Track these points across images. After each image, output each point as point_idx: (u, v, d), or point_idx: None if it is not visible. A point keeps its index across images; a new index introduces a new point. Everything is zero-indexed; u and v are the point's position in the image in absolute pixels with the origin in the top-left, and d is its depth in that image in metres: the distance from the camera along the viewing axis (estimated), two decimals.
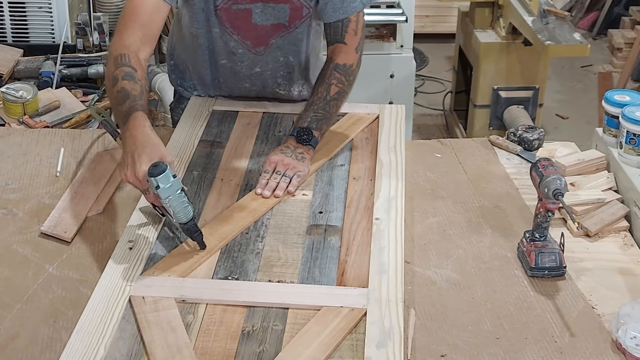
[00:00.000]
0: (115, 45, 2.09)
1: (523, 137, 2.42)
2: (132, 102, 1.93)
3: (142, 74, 2.04)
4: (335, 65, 2.31)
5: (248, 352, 1.60)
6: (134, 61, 2.04)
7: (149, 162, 1.79)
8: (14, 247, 1.97)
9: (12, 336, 1.69)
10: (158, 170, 1.77)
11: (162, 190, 1.78)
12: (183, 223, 1.84)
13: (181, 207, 1.82)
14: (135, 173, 1.80)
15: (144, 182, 1.80)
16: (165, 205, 1.81)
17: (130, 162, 1.82)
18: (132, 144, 1.84)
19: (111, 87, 2.00)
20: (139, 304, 1.70)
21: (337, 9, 2.29)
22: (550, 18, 4.20)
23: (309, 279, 1.80)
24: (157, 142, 1.85)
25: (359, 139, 2.37)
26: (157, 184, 1.77)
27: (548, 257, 1.88)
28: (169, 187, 1.78)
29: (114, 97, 1.98)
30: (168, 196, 1.79)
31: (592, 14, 6.79)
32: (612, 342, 1.69)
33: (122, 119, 1.93)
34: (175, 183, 1.79)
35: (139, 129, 1.87)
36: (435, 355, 1.66)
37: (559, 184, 1.83)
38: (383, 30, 4.35)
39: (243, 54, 2.38)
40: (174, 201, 1.80)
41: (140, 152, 1.81)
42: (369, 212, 2.02)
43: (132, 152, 1.83)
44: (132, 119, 1.89)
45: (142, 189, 1.84)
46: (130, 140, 1.85)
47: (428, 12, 6.29)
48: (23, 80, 3.15)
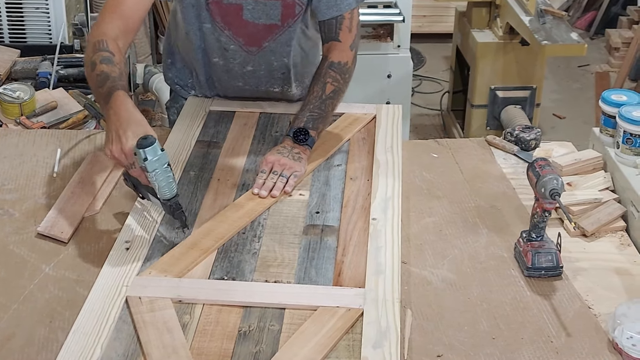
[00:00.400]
0: (93, 32, 2.11)
1: (520, 137, 2.42)
2: (111, 82, 1.95)
3: (119, 58, 2.05)
4: (330, 64, 2.32)
5: (244, 352, 1.60)
6: (112, 46, 2.05)
7: (135, 137, 1.81)
8: (10, 248, 1.97)
9: (8, 336, 1.69)
10: (147, 143, 1.79)
11: (150, 162, 1.79)
12: (167, 199, 1.85)
13: (166, 182, 1.83)
14: (122, 148, 1.82)
15: (130, 157, 1.82)
16: (151, 180, 1.82)
17: (115, 138, 1.83)
18: (117, 121, 1.86)
19: (90, 71, 2.02)
20: (136, 304, 1.70)
21: (330, 6, 2.30)
22: (547, 18, 4.20)
23: (305, 279, 1.80)
24: (140, 118, 1.87)
25: (355, 139, 2.37)
26: (145, 155, 1.78)
27: (545, 257, 1.88)
28: (156, 160, 1.80)
29: (94, 80, 1.99)
30: (155, 169, 1.80)
31: (589, 14, 6.79)
32: (608, 342, 1.70)
33: (103, 99, 1.94)
34: (162, 156, 1.81)
35: (122, 106, 1.89)
36: (432, 356, 1.66)
37: (556, 183, 1.84)
38: (380, 30, 4.35)
39: (235, 51, 2.38)
40: (160, 175, 1.81)
41: (125, 128, 1.83)
42: (366, 212, 2.02)
43: (116, 128, 1.84)
44: (114, 98, 1.90)
45: (127, 164, 1.85)
46: (114, 117, 1.87)
47: (425, 12, 6.29)
48: (20, 80, 3.15)
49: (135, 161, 1.83)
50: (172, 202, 1.87)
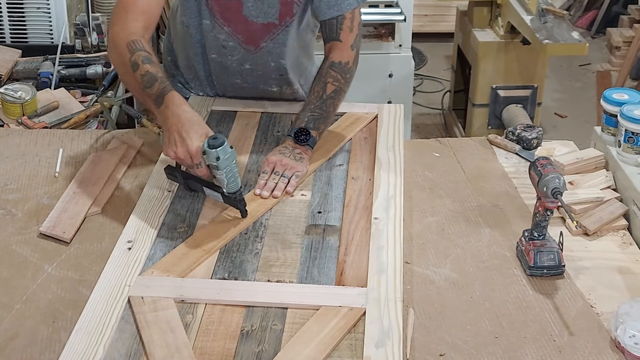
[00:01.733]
0: (121, 33, 2.10)
1: (522, 136, 2.42)
2: (161, 83, 1.99)
3: (156, 58, 2.08)
4: (331, 64, 2.31)
5: (247, 351, 1.60)
6: (147, 46, 2.08)
7: (198, 137, 1.88)
8: (13, 248, 1.97)
9: (11, 336, 1.69)
10: (218, 143, 1.86)
11: (222, 161, 1.87)
12: (232, 192, 1.93)
13: (234, 177, 1.92)
14: (188, 149, 1.87)
15: (197, 157, 1.88)
16: (220, 176, 1.90)
17: (179, 140, 1.89)
18: (177, 122, 1.91)
19: (131, 72, 2.04)
20: (138, 304, 1.70)
21: (331, 6, 2.30)
22: (548, 17, 4.20)
23: (307, 279, 1.80)
24: (200, 119, 1.94)
25: (357, 138, 2.37)
26: (217, 155, 1.86)
27: (547, 256, 1.88)
28: (227, 158, 1.88)
29: (140, 81, 2.01)
30: (226, 167, 1.88)
31: (590, 13, 6.79)
32: (610, 341, 1.70)
33: (154, 100, 1.98)
34: (232, 154, 1.89)
35: (180, 107, 1.95)
36: (434, 355, 1.66)
37: (558, 182, 1.84)
38: (381, 30, 4.35)
39: (234, 48, 2.38)
40: (229, 171, 1.90)
41: (188, 129, 1.89)
42: (368, 211, 2.02)
43: (178, 129, 1.90)
44: (170, 99, 1.96)
45: (192, 164, 1.91)
46: (174, 118, 1.92)
47: (426, 11, 6.29)
48: (21, 80, 3.14)
49: (202, 161, 1.88)
50: (237, 194, 1.94)
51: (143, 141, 2.40)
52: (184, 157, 1.90)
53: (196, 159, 1.89)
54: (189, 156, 1.89)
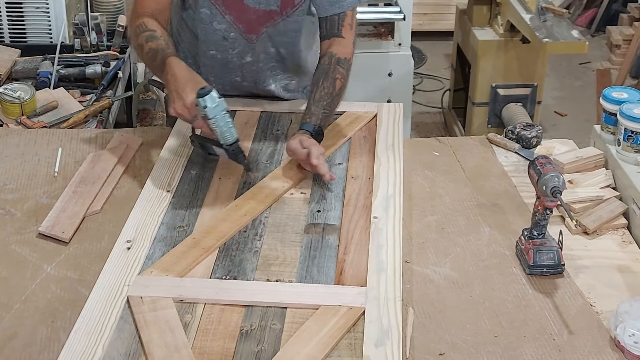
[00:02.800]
0: (132, 19, 2.26)
1: (521, 134, 2.42)
2: (161, 53, 2.12)
3: (161, 32, 2.20)
4: (337, 60, 2.32)
5: (246, 351, 1.60)
6: (150, 24, 2.20)
7: (193, 92, 1.97)
8: (12, 248, 1.97)
9: (10, 336, 1.69)
10: (205, 92, 1.95)
11: (210, 109, 1.96)
12: (229, 144, 2.02)
13: (227, 127, 2.00)
14: (184, 103, 1.97)
15: (192, 110, 1.97)
16: (213, 127, 1.99)
17: (176, 97, 1.99)
18: (174, 81, 2.01)
19: (141, 53, 2.20)
20: (137, 304, 1.70)
21: (333, 3, 2.32)
22: (548, 15, 4.20)
23: (307, 278, 1.80)
24: (195, 76, 2.04)
25: (357, 137, 2.37)
26: (204, 103, 1.95)
27: (546, 254, 1.87)
28: (216, 107, 1.96)
29: (146, 58, 2.18)
30: (215, 115, 1.97)
31: (590, 11, 6.79)
32: (610, 340, 1.69)
33: (158, 69, 2.12)
34: (220, 103, 1.98)
35: (176, 67, 2.05)
36: (434, 354, 1.66)
37: (557, 181, 1.83)
38: (381, 29, 4.35)
39: (235, 40, 2.38)
40: (220, 120, 1.98)
41: (184, 85, 1.99)
42: (367, 210, 2.02)
43: (175, 87, 2.00)
44: (168, 63, 2.07)
45: (190, 117, 2.00)
46: (171, 79, 2.03)
47: (426, 9, 6.28)
48: (21, 80, 3.14)
49: (197, 113, 1.98)
50: (234, 147, 2.03)
51: (142, 140, 2.40)
52: (182, 111, 1.99)
53: (192, 111, 1.98)
54: (186, 110, 1.98)
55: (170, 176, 2.15)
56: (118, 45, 3.56)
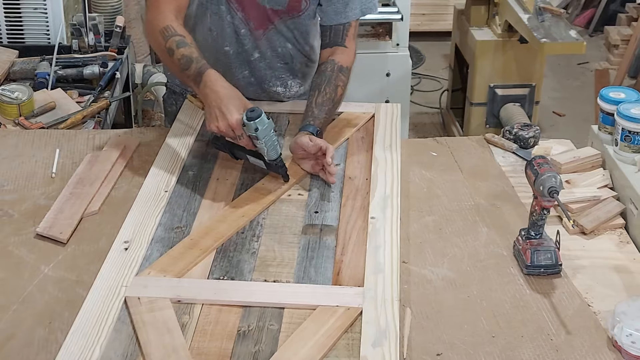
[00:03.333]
0: (154, 20, 2.22)
1: (519, 135, 2.42)
2: (197, 63, 2.12)
3: (189, 38, 2.19)
4: (340, 68, 2.36)
5: (244, 352, 1.60)
6: (180, 29, 2.19)
7: (237, 111, 2.02)
8: (9, 249, 1.96)
9: (8, 337, 1.69)
10: (256, 115, 2.00)
11: (261, 131, 2.01)
12: (273, 160, 2.08)
13: (273, 146, 2.06)
14: (229, 123, 2.01)
15: (238, 129, 2.02)
16: (260, 146, 2.04)
17: (219, 115, 2.03)
18: (216, 98, 2.05)
19: (169, 57, 2.17)
20: (135, 305, 1.70)
21: (339, 13, 2.36)
22: (545, 15, 4.20)
23: (304, 279, 1.80)
24: (237, 93, 2.08)
25: (354, 138, 2.37)
26: (256, 126, 2.00)
27: (544, 255, 1.88)
28: (265, 128, 2.01)
29: (177, 64, 2.16)
30: (265, 136, 2.02)
31: (588, 11, 6.79)
32: (608, 340, 1.69)
33: (193, 80, 2.12)
34: (269, 125, 2.03)
35: (218, 83, 2.08)
36: (431, 354, 1.66)
37: (554, 181, 1.83)
38: (379, 29, 4.35)
39: (245, 35, 2.39)
40: (268, 140, 2.04)
41: (227, 103, 2.03)
42: (365, 211, 2.02)
43: (218, 105, 2.04)
44: (207, 77, 2.09)
45: (235, 135, 2.04)
46: (212, 95, 2.06)
47: (424, 10, 6.29)
48: (18, 81, 3.14)
49: (243, 132, 2.02)
50: (277, 161, 2.09)
51: (140, 141, 2.40)
52: (226, 130, 2.03)
53: (237, 131, 2.02)
54: (231, 129, 2.02)
55: (168, 177, 2.15)
56: (116, 46, 3.56)
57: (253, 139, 2.03)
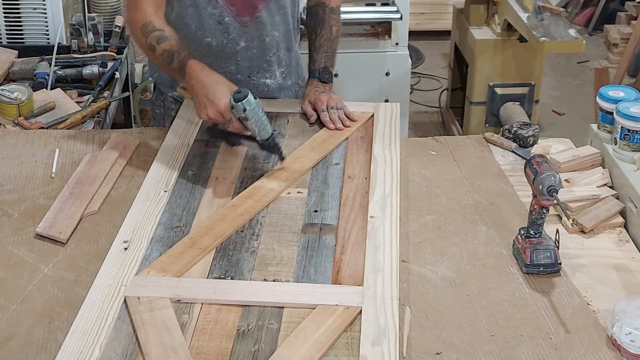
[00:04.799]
0: (133, 18, 2.25)
1: (518, 133, 2.42)
2: (178, 56, 2.16)
3: (169, 30, 2.22)
4: (331, 9, 2.52)
5: (243, 351, 1.60)
6: (158, 24, 2.22)
7: (224, 96, 2.05)
8: (9, 248, 1.97)
9: (7, 337, 1.69)
10: (242, 95, 2.03)
11: (249, 112, 2.04)
12: (265, 139, 2.11)
13: (264, 125, 2.09)
14: (218, 109, 2.05)
15: (227, 114, 2.05)
16: (250, 126, 2.07)
17: (207, 102, 2.07)
18: (202, 87, 2.09)
19: (152, 54, 2.21)
20: (134, 304, 1.70)
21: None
22: (545, 14, 4.20)
23: (304, 278, 1.80)
24: (222, 79, 2.12)
25: (353, 137, 2.37)
26: (244, 107, 2.03)
27: (543, 253, 1.88)
28: (253, 109, 2.04)
29: (159, 60, 2.20)
30: (254, 116, 2.05)
31: (588, 10, 6.79)
32: (607, 339, 1.70)
33: (178, 73, 2.17)
34: (257, 104, 2.05)
35: (201, 73, 2.12)
36: (431, 353, 1.66)
37: (553, 180, 1.83)
38: (378, 28, 4.34)
39: (229, 24, 2.39)
40: (258, 120, 2.07)
41: (214, 90, 2.07)
42: (364, 210, 2.02)
43: (204, 93, 2.08)
44: (190, 68, 2.13)
45: (224, 121, 2.07)
46: (198, 84, 2.10)
47: (423, 9, 6.29)
48: (18, 81, 3.14)
49: (232, 116, 2.05)
50: (270, 140, 2.12)
51: (139, 141, 2.40)
52: (216, 116, 2.07)
53: (226, 115, 2.06)
54: (220, 114, 2.05)
55: (167, 176, 2.15)
56: (115, 46, 3.56)
57: (243, 120, 2.06)
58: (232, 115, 2.06)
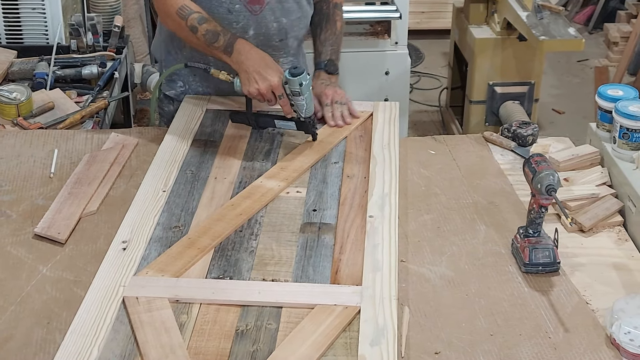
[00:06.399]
0: (166, 3, 2.31)
1: (517, 132, 2.42)
2: (224, 35, 2.28)
3: (206, 13, 2.30)
4: (334, 5, 2.59)
5: (242, 351, 1.60)
6: (194, 7, 2.30)
7: (275, 72, 2.20)
8: (7, 249, 1.96)
9: (6, 338, 1.69)
10: (299, 71, 2.15)
11: (304, 86, 2.15)
12: (309, 116, 2.22)
13: (311, 101, 2.20)
14: (270, 84, 2.19)
15: (279, 88, 2.19)
16: (300, 102, 2.18)
17: (259, 78, 2.21)
18: (252, 63, 2.23)
19: (192, 35, 2.30)
20: (133, 305, 1.70)
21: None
22: (544, 13, 4.20)
23: (302, 277, 1.80)
24: (271, 58, 2.27)
25: (352, 136, 2.37)
26: (300, 81, 2.14)
27: (542, 253, 1.87)
28: (308, 83, 2.16)
29: (203, 40, 2.29)
30: (306, 92, 2.16)
31: (588, 8, 6.79)
32: (606, 338, 1.69)
33: (223, 51, 2.28)
34: (310, 80, 2.18)
35: (252, 50, 2.26)
36: (430, 353, 1.66)
37: (552, 179, 1.83)
38: (377, 27, 4.34)
39: (239, 13, 2.38)
40: (308, 96, 2.18)
41: (265, 67, 2.21)
42: (363, 209, 2.02)
43: (256, 69, 2.21)
44: (239, 46, 2.26)
45: (273, 97, 2.21)
46: (248, 61, 2.23)
47: (423, 8, 6.28)
48: (17, 81, 3.13)
49: (283, 92, 2.18)
50: (312, 118, 2.24)
51: (138, 141, 2.40)
52: (266, 91, 2.19)
53: (278, 90, 2.19)
54: (271, 90, 2.18)
55: (166, 176, 2.15)
56: (114, 46, 3.55)
57: (295, 96, 2.17)
58: (284, 90, 2.16)
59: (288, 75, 2.15)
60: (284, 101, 2.21)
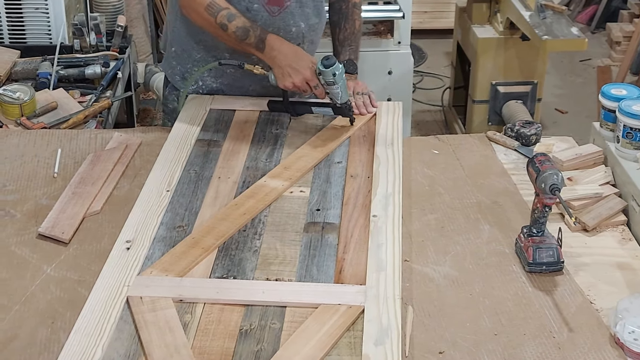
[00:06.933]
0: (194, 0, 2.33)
1: (520, 132, 2.42)
2: (255, 31, 2.31)
3: (234, 9, 2.32)
4: (353, 4, 2.61)
5: (246, 351, 1.60)
6: (222, 3, 2.32)
7: (307, 65, 2.26)
8: (11, 249, 1.97)
9: (11, 338, 1.69)
10: (331, 62, 2.21)
11: (338, 76, 2.22)
12: (344, 102, 2.30)
13: (345, 88, 2.27)
14: (304, 76, 2.25)
15: (313, 80, 2.25)
16: (335, 91, 2.26)
17: (292, 71, 2.27)
18: (285, 58, 2.28)
19: (222, 32, 2.32)
20: (137, 304, 1.70)
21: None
22: (547, 12, 4.20)
23: (306, 277, 1.80)
24: (303, 51, 2.33)
25: (356, 136, 2.37)
26: (334, 72, 2.21)
27: (546, 252, 1.87)
28: (341, 72, 2.23)
29: (234, 37, 2.31)
30: (340, 80, 2.23)
31: (590, 8, 6.79)
32: (610, 337, 1.69)
33: (255, 47, 2.31)
34: (342, 68, 2.24)
35: (283, 45, 2.31)
36: (434, 352, 1.66)
37: (556, 179, 1.83)
38: (380, 27, 4.34)
39: (257, 12, 2.39)
40: (343, 84, 2.25)
41: (298, 60, 2.27)
42: (367, 209, 2.02)
43: (289, 63, 2.27)
44: (271, 41, 2.30)
45: (308, 89, 2.27)
46: (281, 56, 2.28)
47: (426, 7, 6.28)
48: (20, 81, 3.14)
49: (318, 83, 2.25)
50: (348, 104, 2.31)
51: (141, 140, 2.40)
52: (301, 83, 2.26)
53: (313, 82, 2.25)
54: (305, 82, 2.25)
55: (170, 176, 2.15)
56: (117, 46, 3.56)
57: (329, 85, 2.24)
58: (319, 82, 2.23)
59: (321, 67, 2.21)
60: (319, 91, 2.27)
